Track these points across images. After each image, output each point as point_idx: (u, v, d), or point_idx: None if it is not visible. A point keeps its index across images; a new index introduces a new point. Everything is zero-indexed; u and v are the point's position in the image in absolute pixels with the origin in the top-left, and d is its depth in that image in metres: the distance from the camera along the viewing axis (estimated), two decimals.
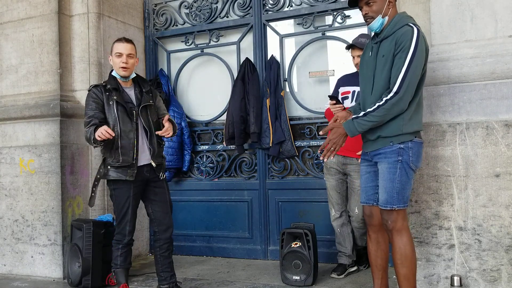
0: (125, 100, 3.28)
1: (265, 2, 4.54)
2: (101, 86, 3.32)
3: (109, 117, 3.23)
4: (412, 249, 2.69)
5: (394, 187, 2.63)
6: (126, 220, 3.32)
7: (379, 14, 2.66)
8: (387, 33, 2.66)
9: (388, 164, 2.65)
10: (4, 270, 4.33)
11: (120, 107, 3.24)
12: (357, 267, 3.89)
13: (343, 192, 3.82)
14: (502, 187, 2.87)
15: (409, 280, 2.67)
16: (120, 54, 3.26)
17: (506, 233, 2.86)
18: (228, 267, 4.26)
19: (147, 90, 3.39)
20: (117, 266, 3.38)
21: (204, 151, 4.80)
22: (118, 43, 3.30)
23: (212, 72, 4.86)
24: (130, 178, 3.23)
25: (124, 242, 3.36)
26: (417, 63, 2.56)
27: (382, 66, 2.64)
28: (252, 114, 4.33)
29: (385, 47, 2.65)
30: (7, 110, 4.37)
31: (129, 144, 3.22)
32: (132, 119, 3.26)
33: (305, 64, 4.49)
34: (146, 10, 5.00)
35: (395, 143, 2.63)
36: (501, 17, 2.96)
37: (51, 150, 4.14)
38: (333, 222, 3.84)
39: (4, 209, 4.33)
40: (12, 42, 4.43)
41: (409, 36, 2.56)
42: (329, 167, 3.83)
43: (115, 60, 3.28)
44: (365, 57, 2.85)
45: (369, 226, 2.87)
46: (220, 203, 4.68)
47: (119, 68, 3.26)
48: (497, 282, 2.88)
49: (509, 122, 2.87)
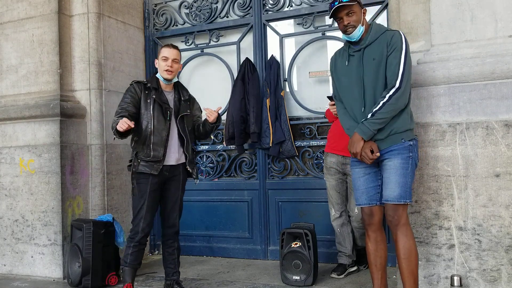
0: (162, 100, 3.41)
1: (265, 2, 4.54)
2: (142, 83, 3.46)
3: (144, 114, 3.37)
4: (415, 244, 2.78)
5: (407, 182, 2.73)
6: (141, 216, 3.36)
7: (359, 23, 2.82)
8: (371, 39, 2.81)
9: (402, 160, 2.73)
10: (4, 270, 4.33)
11: (157, 106, 3.38)
12: (357, 267, 3.89)
13: (343, 192, 3.84)
14: (502, 187, 2.87)
15: (414, 275, 2.73)
16: (166, 58, 3.41)
17: (506, 233, 2.86)
18: (228, 267, 4.26)
19: (186, 99, 3.53)
20: (126, 264, 3.39)
21: (204, 151, 4.80)
22: (165, 48, 3.48)
23: (212, 72, 4.86)
24: (155, 172, 3.33)
25: (136, 239, 3.36)
26: (409, 61, 2.76)
27: (376, 68, 2.77)
28: (252, 114, 4.33)
29: (374, 51, 2.78)
30: (7, 110, 4.37)
31: (161, 141, 3.35)
32: (166, 118, 3.39)
33: (305, 64, 4.49)
34: (146, 10, 5.00)
35: (406, 140, 2.75)
36: (501, 17, 2.96)
37: (51, 150, 4.14)
38: (333, 222, 3.85)
39: (4, 209, 4.33)
40: (12, 42, 4.43)
41: (399, 37, 2.76)
42: (329, 167, 3.84)
43: (161, 63, 3.42)
44: (340, 67, 2.94)
45: (368, 226, 2.89)
46: (220, 203, 4.68)
47: (164, 71, 3.41)
48: (497, 282, 2.88)
49: (509, 122, 2.87)
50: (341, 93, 2.95)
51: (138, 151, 3.36)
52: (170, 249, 3.50)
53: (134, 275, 3.42)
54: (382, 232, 2.89)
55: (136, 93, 3.39)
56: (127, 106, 3.34)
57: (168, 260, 3.51)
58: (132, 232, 3.39)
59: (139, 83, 3.45)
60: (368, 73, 2.79)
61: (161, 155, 3.33)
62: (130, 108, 3.34)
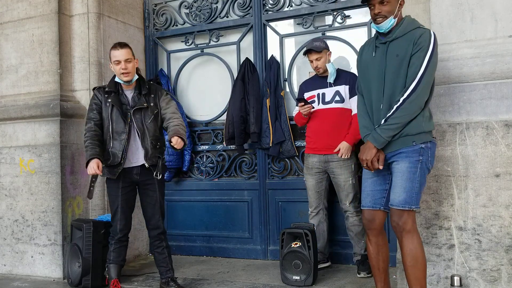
0: (121, 102, 3.43)
1: (265, 2, 4.54)
2: (102, 88, 3.51)
3: (105, 119, 3.43)
4: (422, 251, 2.67)
5: (413, 187, 2.62)
6: (117, 218, 3.53)
7: (392, 14, 2.68)
8: (399, 34, 2.67)
9: (409, 164, 2.63)
10: (4, 270, 4.33)
11: (115, 109, 3.40)
12: (329, 263, 3.98)
13: (322, 192, 3.89)
14: (502, 187, 2.87)
15: (420, 282, 2.64)
16: (118, 62, 3.39)
17: (506, 233, 2.86)
18: (228, 267, 4.26)
19: (145, 93, 3.48)
20: (110, 261, 3.58)
21: (204, 151, 4.80)
22: (114, 50, 3.42)
23: (212, 72, 4.86)
24: (113, 177, 3.42)
25: (116, 238, 3.55)
26: (434, 63, 2.62)
27: (398, 66, 2.64)
28: (252, 114, 4.33)
29: (399, 47, 2.65)
30: (7, 110, 4.37)
31: (119, 145, 3.39)
32: (126, 121, 3.39)
33: (305, 64, 4.48)
34: (146, 10, 5.00)
35: (418, 143, 2.62)
36: (501, 17, 2.96)
37: (51, 150, 4.14)
38: (310, 220, 3.90)
39: (4, 209, 4.33)
40: (12, 42, 4.43)
41: (427, 37, 2.61)
42: (310, 167, 3.88)
43: (115, 67, 3.42)
44: (365, 57, 2.83)
45: (368, 230, 2.82)
46: (220, 203, 4.68)
47: (120, 74, 3.41)
48: (497, 282, 2.88)
49: (509, 122, 2.87)
50: (363, 85, 2.83)
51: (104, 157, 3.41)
52: (158, 249, 3.56)
53: (119, 271, 3.60)
54: (384, 236, 2.84)
55: (98, 99, 3.46)
56: (92, 114, 3.45)
57: (159, 259, 3.55)
58: (112, 231, 3.59)
59: (100, 89, 3.51)
60: (390, 69, 2.67)
61: (119, 158, 3.37)
62: (95, 116, 3.44)
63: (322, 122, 3.82)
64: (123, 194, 3.49)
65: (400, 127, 2.61)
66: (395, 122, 2.60)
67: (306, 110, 3.79)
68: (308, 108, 3.78)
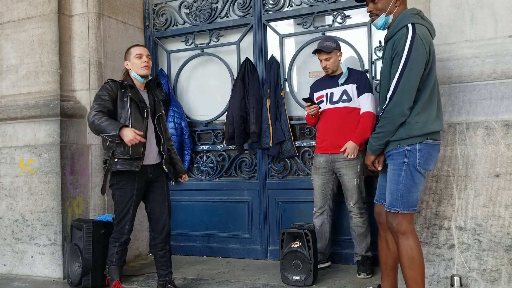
0: (139, 98, 3.41)
1: (265, 2, 4.54)
2: (117, 82, 3.43)
3: (121, 112, 3.34)
4: (419, 252, 2.63)
5: (398, 189, 2.60)
6: (127, 220, 3.42)
7: (383, 12, 2.66)
8: (390, 34, 2.66)
9: (393, 166, 2.63)
10: (4, 270, 4.33)
11: (134, 104, 3.36)
12: (329, 263, 3.97)
13: (327, 192, 3.87)
14: (502, 187, 2.87)
15: (417, 283, 2.61)
16: (140, 55, 3.43)
17: (506, 233, 2.86)
18: (228, 267, 4.26)
19: (161, 99, 3.60)
20: (112, 263, 3.48)
21: (204, 151, 4.80)
22: (135, 47, 3.51)
23: (212, 72, 4.86)
24: (136, 168, 3.29)
25: (121, 240, 3.45)
26: (412, 66, 2.49)
27: (387, 69, 2.64)
28: (252, 114, 4.33)
29: (387, 49, 2.65)
30: (7, 110, 4.37)
31: None
32: (143, 117, 3.38)
33: (305, 64, 4.49)
34: (146, 10, 5.00)
35: (403, 145, 2.59)
36: (501, 17, 2.96)
37: (51, 150, 4.14)
38: (314, 219, 3.89)
39: (4, 209, 4.33)
40: (12, 42, 4.43)
41: (402, 40, 2.51)
42: (318, 166, 3.87)
43: (136, 62, 3.42)
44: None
45: (378, 224, 2.88)
46: (220, 203, 4.68)
47: (141, 67, 3.42)
48: (497, 282, 2.88)
49: (509, 122, 2.87)
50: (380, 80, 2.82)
51: (114, 150, 3.29)
52: (161, 251, 3.50)
53: (121, 273, 3.53)
54: None
55: (112, 90, 3.35)
56: (105, 103, 3.30)
57: (160, 262, 3.51)
58: (117, 233, 3.45)
59: (115, 82, 3.42)
60: (383, 72, 2.68)
61: (141, 151, 3.31)
62: (108, 105, 3.31)
63: (329, 121, 3.81)
64: (138, 195, 3.40)
65: (386, 134, 2.60)
66: (380, 130, 2.62)
67: (313, 111, 3.78)
68: (315, 109, 3.77)
